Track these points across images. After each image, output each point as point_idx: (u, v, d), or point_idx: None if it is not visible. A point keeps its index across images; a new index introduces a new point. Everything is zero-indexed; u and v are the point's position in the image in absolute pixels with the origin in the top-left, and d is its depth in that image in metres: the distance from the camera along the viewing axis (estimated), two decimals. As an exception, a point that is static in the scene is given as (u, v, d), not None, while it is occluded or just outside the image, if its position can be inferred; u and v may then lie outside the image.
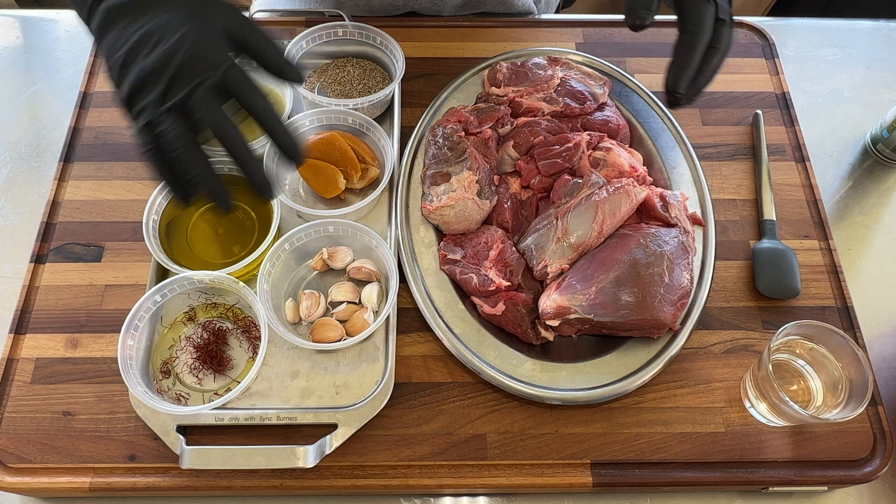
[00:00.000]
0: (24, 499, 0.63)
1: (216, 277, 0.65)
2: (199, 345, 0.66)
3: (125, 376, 0.60)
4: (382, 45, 0.82)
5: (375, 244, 0.69)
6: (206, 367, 0.66)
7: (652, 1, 0.53)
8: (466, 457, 0.63)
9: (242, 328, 0.68)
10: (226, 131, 0.51)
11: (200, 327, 0.67)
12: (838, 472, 0.63)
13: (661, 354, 0.65)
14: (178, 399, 0.64)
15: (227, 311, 0.69)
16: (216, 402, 0.61)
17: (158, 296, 0.65)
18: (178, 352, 0.67)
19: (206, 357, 0.66)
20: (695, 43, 0.55)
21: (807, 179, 0.79)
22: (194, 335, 0.67)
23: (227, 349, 0.67)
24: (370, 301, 0.68)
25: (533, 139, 0.75)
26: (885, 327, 0.72)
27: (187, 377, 0.65)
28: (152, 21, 0.50)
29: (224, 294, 0.70)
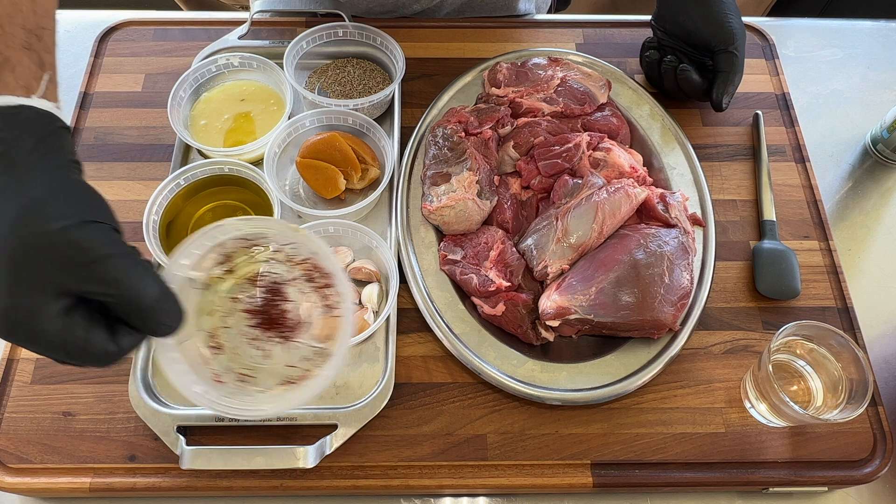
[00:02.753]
0: (24, 499, 0.63)
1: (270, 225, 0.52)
2: (254, 309, 0.52)
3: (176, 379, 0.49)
4: (382, 46, 0.82)
5: (375, 244, 0.69)
6: (271, 335, 0.51)
7: (729, 95, 0.77)
8: (466, 457, 0.63)
9: (306, 276, 0.53)
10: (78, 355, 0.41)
11: (249, 284, 0.52)
12: (838, 473, 0.63)
13: (661, 355, 0.65)
14: (243, 380, 0.51)
15: (276, 255, 0.53)
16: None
17: None
18: (224, 318, 0.52)
19: (268, 321, 0.52)
20: (729, 80, 0.76)
21: (807, 180, 0.79)
22: (241, 294, 0.52)
23: (290, 308, 0.52)
24: (370, 301, 0.68)
25: (533, 140, 0.75)
26: (885, 327, 0.72)
27: (246, 350, 0.52)
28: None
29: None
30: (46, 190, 0.41)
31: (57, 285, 0.40)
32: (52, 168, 0.42)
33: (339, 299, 0.49)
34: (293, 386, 0.50)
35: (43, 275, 0.39)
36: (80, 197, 0.42)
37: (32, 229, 0.39)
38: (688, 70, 0.77)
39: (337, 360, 0.49)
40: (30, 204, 0.40)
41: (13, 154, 0.41)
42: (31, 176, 0.41)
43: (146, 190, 0.75)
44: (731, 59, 0.75)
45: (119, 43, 0.87)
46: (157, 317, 0.43)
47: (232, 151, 0.73)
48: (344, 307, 0.50)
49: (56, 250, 0.39)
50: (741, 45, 0.76)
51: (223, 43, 0.84)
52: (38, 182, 0.41)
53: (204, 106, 0.79)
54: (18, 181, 0.41)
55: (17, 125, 0.42)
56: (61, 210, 0.40)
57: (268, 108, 0.79)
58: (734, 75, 0.76)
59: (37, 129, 0.43)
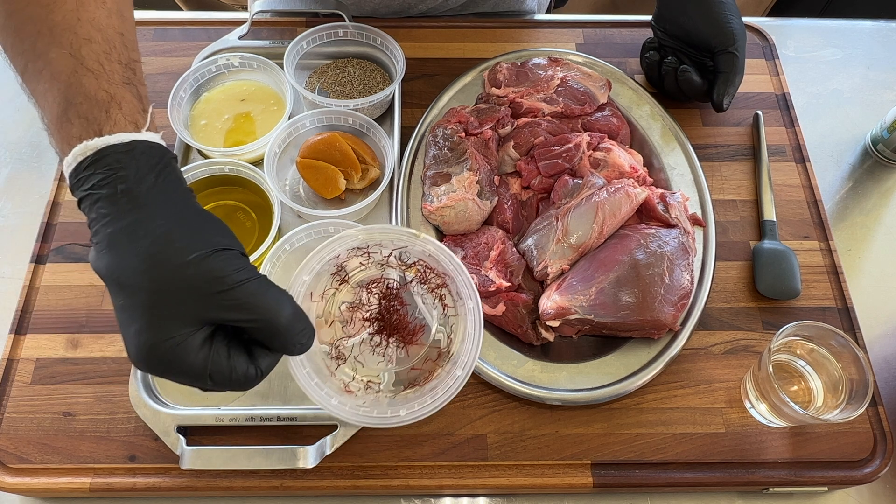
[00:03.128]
0: (24, 499, 0.63)
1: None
2: (372, 316, 0.52)
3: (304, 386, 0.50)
4: (382, 46, 0.82)
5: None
6: (391, 341, 0.52)
7: (730, 96, 0.77)
8: (466, 457, 0.63)
9: (420, 279, 0.54)
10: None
11: (364, 291, 0.53)
12: (839, 473, 0.63)
13: (661, 355, 0.65)
14: (368, 387, 0.52)
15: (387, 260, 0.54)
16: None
17: None
18: (345, 329, 0.53)
19: (387, 327, 0.52)
20: (730, 81, 0.76)
21: (807, 180, 0.79)
22: (358, 304, 0.52)
23: (408, 311, 0.54)
24: None
25: (533, 140, 0.75)
26: (885, 328, 0.72)
27: (369, 358, 0.53)
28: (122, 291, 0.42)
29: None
30: (174, 223, 0.42)
31: (198, 316, 0.41)
32: (174, 201, 0.43)
33: (457, 298, 0.50)
34: (420, 388, 0.50)
35: (184, 307, 0.40)
36: (206, 226, 0.44)
37: (168, 264, 0.40)
38: (688, 71, 0.77)
39: (467, 359, 0.49)
40: (161, 239, 0.41)
41: (136, 191, 0.42)
42: (157, 211, 0.42)
43: (146, 190, 0.75)
44: (731, 59, 0.75)
45: (119, 43, 0.87)
46: (293, 337, 0.44)
47: (232, 151, 0.73)
48: (465, 306, 0.50)
49: (194, 282, 0.41)
50: (741, 45, 0.76)
51: (223, 43, 0.84)
52: (165, 216, 0.42)
53: (204, 106, 0.79)
54: (147, 217, 0.42)
55: (135, 161, 0.43)
56: (191, 242, 0.41)
57: (268, 108, 0.79)
58: (735, 76, 0.76)
59: (153, 162, 0.43)
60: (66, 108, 0.43)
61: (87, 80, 0.44)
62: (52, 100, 0.43)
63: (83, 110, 0.43)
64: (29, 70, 0.43)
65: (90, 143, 0.42)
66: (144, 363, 0.41)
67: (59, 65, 0.43)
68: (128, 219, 0.41)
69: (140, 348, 0.40)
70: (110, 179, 0.42)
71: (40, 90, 0.43)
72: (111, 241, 0.41)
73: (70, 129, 0.42)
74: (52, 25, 0.44)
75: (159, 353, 0.40)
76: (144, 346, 0.40)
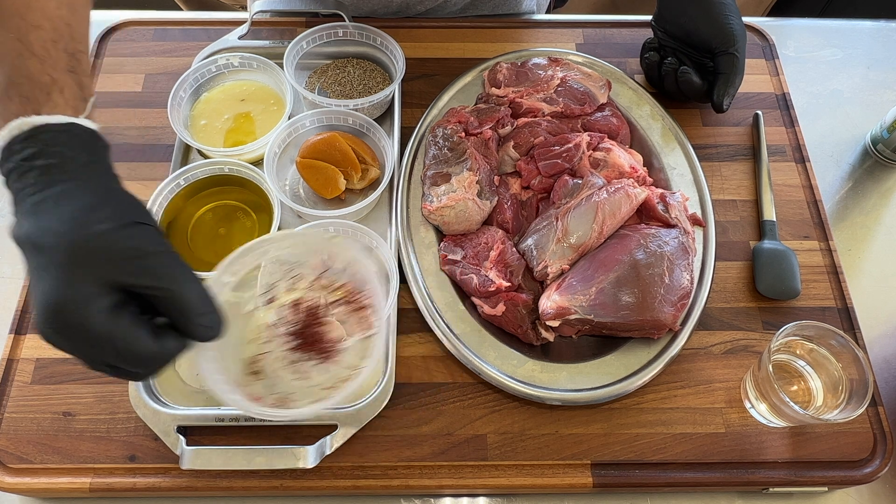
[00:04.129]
0: (24, 499, 0.63)
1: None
2: (293, 331, 0.53)
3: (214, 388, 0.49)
4: (382, 46, 0.82)
5: (375, 244, 0.69)
6: (310, 357, 0.53)
7: (730, 96, 0.77)
8: (466, 457, 0.63)
9: (344, 300, 0.55)
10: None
11: (288, 309, 0.54)
12: (838, 473, 0.63)
13: (661, 355, 0.65)
14: (282, 403, 0.52)
15: (315, 282, 0.55)
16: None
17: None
18: (264, 345, 0.54)
19: (307, 343, 0.53)
20: (730, 82, 0.76)
21: (807, 180, 0.79)
22: (280, 320, 0.53)
23: (328, 330, 0.54)
24: None
25: (533, 140, 0.75)
26: (885, 328, 0.72)
27: (285, 373, 0.53)
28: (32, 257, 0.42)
29: None
30: (98, 197, 0.44)
31: (107, 279, 0.41)
32: (101, 179, 0.46)
33: (373, 319, 0.51)
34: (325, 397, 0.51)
35: (94, 269, 0.41)
36: (128, 204, 0.45)
37: (86, 229, 0.42)
38: (688, 73, 0.77)
39: (369, 362, 0.50)
40: (84, 207, 0.42)
41: (67, 166, 0.44)
42: (84, 185, 0.44)
43: (146, 190, 0.75)
44: (731, 60, 0.76)
45: (119, 43, 0.87)
46: (198, 317, 0.44)
47: (232, 151, 0.73)
48: (376, 325, 0.51)
49: (108, 247, 0.42)
50: (742, 46, 0.76)
51: (223, 43, 0.84)
52: (90, 190, 0.44)
53: (204, 106, 0.79)
54: (74, 189, 0.43)
55: (71, 141, 0.45)
56: (112, 213, 0.43)
57: (268, 108, 0.79)
58: (735, 77, 0.76)
59: (87, 145, 0.46)
60: (6, 86, 0.44)
61: (31, 64, 0.45)
62: None
63: (24, 90, 0.44)
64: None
65: (27, 119, 0.43)
66: (49, 323, 0.41)
67: (5, 47, 0.44)
68: (56, 188, 0.43)
69: (47, 307, 0.40)
70: (44, 153, 0.43)
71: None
72: (36, 208, 0.42)
73: (9, 106, 0.44)
74: (2, 9, 0.45)
75: (65, 312, 0.40)
76: (51, 305, 0.40)
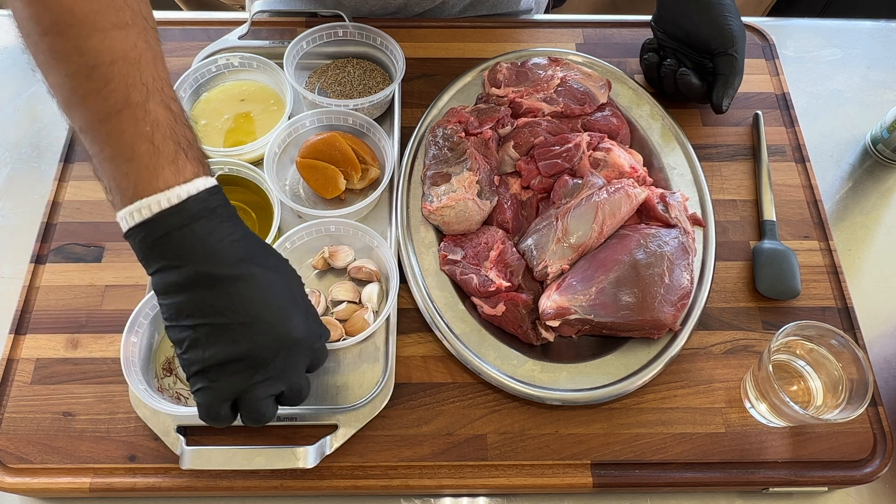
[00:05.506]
0: (24, 499, 0.63)
1: None
2: None
3: (127, 374, 0.60)
4: (382, 46, 0.82)
5: (376, 244, 0.69)
6: None
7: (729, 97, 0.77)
8: (466, 457, 0.63)
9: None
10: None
11: None
12: (838, 473, 0.63)
13: (661, 355, 0.65)
14: (178, 398, 0.64)
15: None
16: None
17: None
18: None
19: None
20: (729, 83, 0.76)
21: (807, 180, 0.79)
22: None
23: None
24: (370, 301, 0.68)
25: (533, 140, 0.75)
26: (885, 327, 0.72)
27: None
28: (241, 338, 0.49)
29: None
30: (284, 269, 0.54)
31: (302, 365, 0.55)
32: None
33: None
34: None
35: (302, 357, 0.53)
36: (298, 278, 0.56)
37: (305, 327, 0.53)
38: (687, 74, 0.77)
39: None
40: (287, 293, 0.52)
41: (242, 228, 0.51)
42: (269, 252, 0.53)
43: (146, 190, 0.75)
44: (730, 61, 0.75)
45: (119, 43, 0.87)
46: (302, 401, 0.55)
47: (232, 151, 0.73)
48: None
49: (310, 344, 0.54)
50: (741, 47, 0.76)
51: (223, 43, 0.84)
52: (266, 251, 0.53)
53: (204, 106, 0.79)
54: (254, 246, 0.51)
55: (227, 201, 0.51)
56: (308, 310, 0.54)
57: (268, 108, 0.79)
58: (734, 78, 0.76)
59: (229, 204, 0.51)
60: (183, 147, 0.48)
61: (186, 132, 0.49)
62: (159, 141, 0.47)
63: (194, 154, 0.49)
64: (123, 115, 0.46)
65: (210, 179, 0.49)
66: (265, 410, 0.51)
67: (160, 114, 0.48)
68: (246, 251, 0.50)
69: (266, 395, 0.51)
70: (231, 210, 0.50)
71: (140, 133, 0.46)
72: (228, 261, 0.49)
73: (186, 167, 0.48)
74: (145, 82, 0.47)
75: (296, 321, 0.51)
76: (270, 392, 0.51)
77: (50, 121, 0.84)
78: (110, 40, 0.46)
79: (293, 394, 0.53)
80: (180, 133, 0.49)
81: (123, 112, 0.46)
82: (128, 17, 0.47)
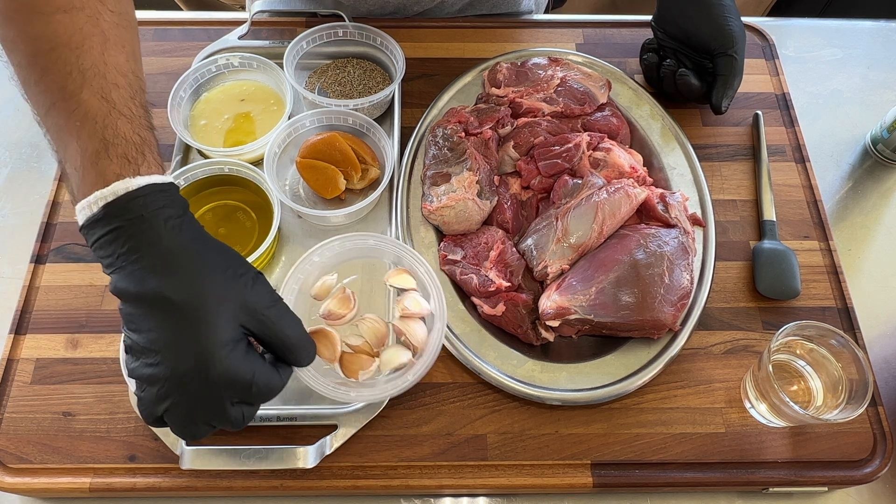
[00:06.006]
0: (24, 499, 0.63)
1: None
2: None
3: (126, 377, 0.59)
4: (382, 46, 0.82)
5: (409, 257, 0.62)
6: None
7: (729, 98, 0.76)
8: (466, 457, 0.63)
9: None
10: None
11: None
12: (838, 473, 0.63)
13: (661, 355, 0.65)
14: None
15: None
16: None
17: None
18: None
19: None
20: (729, 83, 0.76)
21: (807, 180, 0.79)
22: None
23: None
24: (414, 338, 0.59)
25: (533, 140, 0.75)
26: (885, 328, 0.72)
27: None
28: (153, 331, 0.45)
29: None
30: (217, 251, 0.48)
31: (240, 325, 0.46)
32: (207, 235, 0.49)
33: None
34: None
35: (234, 315, 0.46)
36: (240, 257, 0.50)
37: (229, 285, 0.46)
38: (686, 74, 0.77)
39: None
40: (216, 265, 0.46)
41: (182, 225, 0.46)
42: (206, 243, 0.48)
43: (146, 190, 0.75)
44: (730, 62, 0.75)
45: (119, 43, 0.87)
46: (302, 352, 0.50)
47: (232, 151, 0.73)
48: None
49: (244, 299, 0.46)
50: (741, 48, 0.76)
51: (223, 43, 0.84)
52: (211, 247, 0.48)
53: (204, 106, 0.79)
54: (196, 248, 0.46)
55: (171, 201, 0.46)
56: (238, 268, 0.47)
57: (268, 108, 0.79)
58: (734, 78, 0.76)
59: (181, 203, 0.47)
60: (104, 146, 0.44)
61: (121, 123, 0.45)
62: (86, 137, 0.44)
63: (121, 150, 0.45)
64: (57, 108, 0.44)
65: (132, 180, 0.44)
66: (205, 371, 0.44)
67: (92, 106, 0.44)
68: (174, 244, 0.45)
69: (201, 353, 0.43)
70: (154, 213, 0.44)
71: (70, 127, 0.44)
72: (165, 263, 0.44)
73: (109, 166, 0.44)
74: (83, 69, 0.44)
75: (217, 358, 0.44)
76: (205, 352, 0.43)
77: (50, 121, 0.84)
78: (53, 24, 0.44)
79: (222, 424, 0.47)
80: (110, 126, 0.45)
81: (57, 104, 0.44)
82: (76, 0, 0.45)
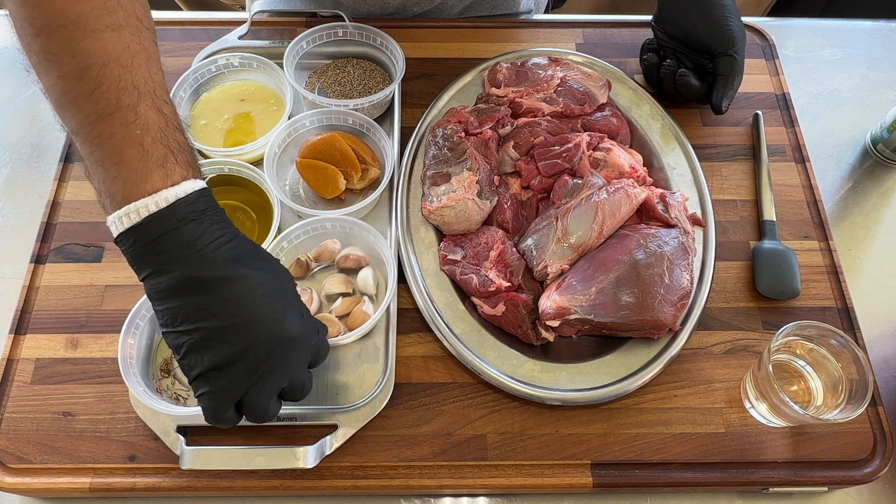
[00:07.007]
0: (24, 499, 0.63)
1: None
2: None
3: (125, 375, 0.60)
4: (382, 46, 0.82)
5: (374, 239, 0.69)
6: None
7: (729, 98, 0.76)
8: (466, 457, 0.63)
9: None
10: None
11: None
12: (838, 473, 0.63)
13: (661, 355, 0.65)
14: (177, 399, 0.64)
15: None
16: None
17: None
18: None
19: None
20: (729, 84, 0.76)
21: (807, 180, 0.79)
22: None
23: None
24: (366, 287, 0.68)
25: (533, 140, 0.75)
26: (885, 327, 0.72)
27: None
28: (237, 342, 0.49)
29: None
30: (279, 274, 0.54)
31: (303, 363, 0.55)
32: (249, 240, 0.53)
33: None
34: None
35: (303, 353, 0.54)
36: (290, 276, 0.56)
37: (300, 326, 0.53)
38: (686, 75, 0.77)
39: None
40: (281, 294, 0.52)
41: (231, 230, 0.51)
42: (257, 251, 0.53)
43: (146, 190, 0.75)
44: (730, 62, 0.75)
45: (119, 43, 0.87)
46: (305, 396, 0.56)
47: (232, 151, 0.73)
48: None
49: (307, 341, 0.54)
50: (741, 48, 0.76)
51: (223, 43, 0.84)
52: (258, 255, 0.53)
53: (204, 106, 0.79)
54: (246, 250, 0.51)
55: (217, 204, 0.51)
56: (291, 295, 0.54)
57: (268, 108, 0.79)
58: (734, 79, 0.76)
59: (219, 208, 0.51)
60: (169, 152, 0.48)
61: (177, 135, 0.49)
62: (150, 143, 0.47)
63: (184, 158, 0.49)
64: (114, 118, 0.46)
65: (199, 181, 0.49)
66: (285, 333, 0.50)
67: (150, 118, 0.47)
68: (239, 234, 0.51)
69: (278, 320, 0.50)
70: (216, 209, 0.50)
71: (130, 135, 0.46)
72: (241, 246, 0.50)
73: (175, 169, 0.48)
74: (136, 84, 0.47)
75: (293, 318, 0.51)
76: (283, 317, 0.50)
77: (50, 121, 0.84)
78: (103, 42, 0.46)
79: (294, 390, 0.53)
80: (171, 136, 0.48)
81: (114, 115, 0.46)
82: (121, 18, 0.47)
